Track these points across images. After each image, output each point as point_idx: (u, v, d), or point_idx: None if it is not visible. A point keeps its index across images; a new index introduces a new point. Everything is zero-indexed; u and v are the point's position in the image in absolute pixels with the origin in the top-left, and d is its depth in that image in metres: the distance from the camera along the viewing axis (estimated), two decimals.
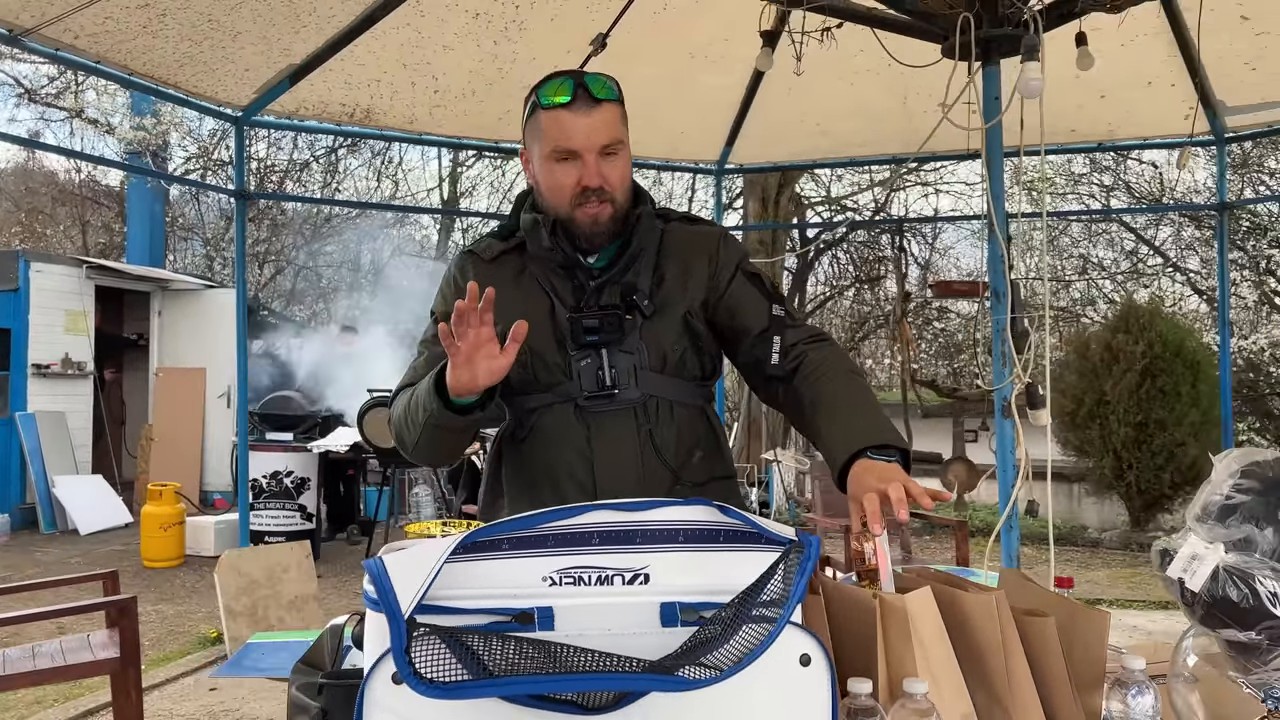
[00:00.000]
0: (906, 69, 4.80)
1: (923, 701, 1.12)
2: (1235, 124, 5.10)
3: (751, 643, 0.95)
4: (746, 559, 1.06)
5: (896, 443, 1.42)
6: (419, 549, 1.00)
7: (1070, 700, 1.21)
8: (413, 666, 0.89)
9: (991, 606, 1.18)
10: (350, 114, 4.76)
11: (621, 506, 1.05)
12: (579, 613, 1.01)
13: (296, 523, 7.29)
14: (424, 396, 1.44)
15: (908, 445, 1.45)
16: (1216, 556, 1.26)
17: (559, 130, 1.52)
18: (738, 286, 1.64)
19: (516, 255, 1.64)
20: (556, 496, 1.55)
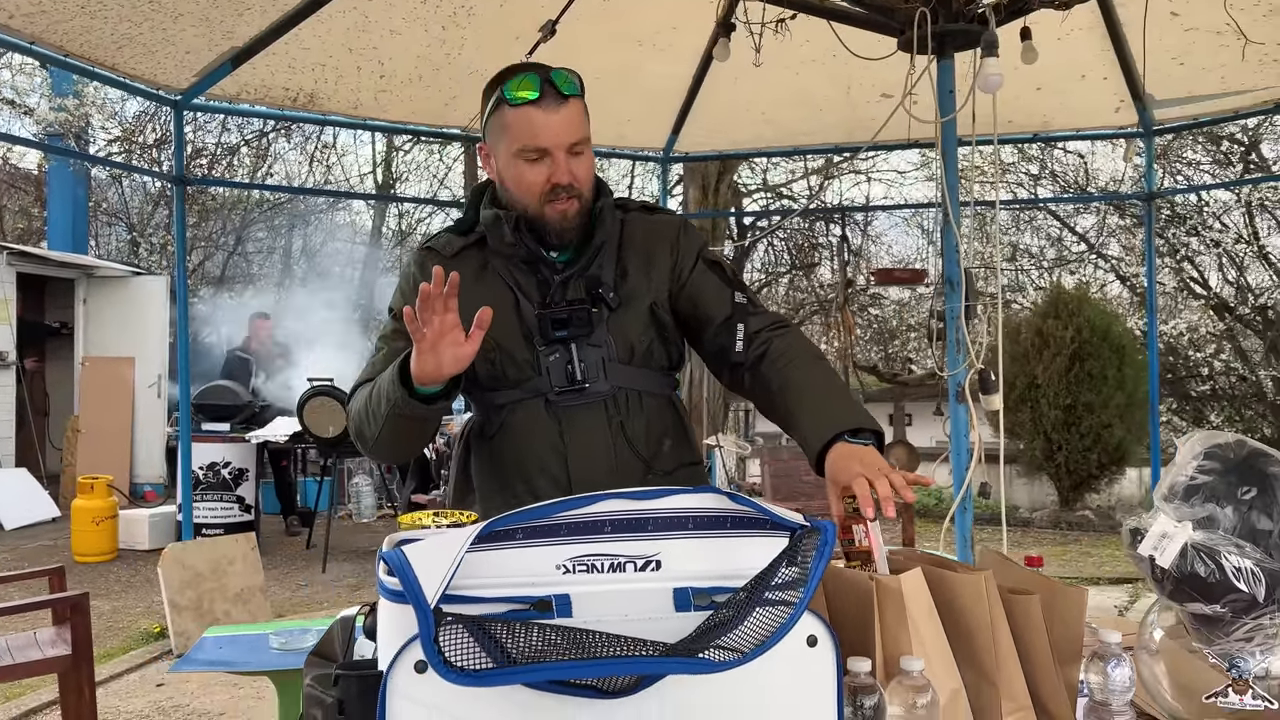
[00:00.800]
0: (851, 60, 4.88)
1: (919, 678, 1.17)
2: (1162, 116, 5.28)
3: (769, 625, 0.98)
4: (754, 544, 1.10)
5: (871, 426, 1.47)
6: (436, 540, 1.01)
7: (1053, 674, 1.27)
8: (442, 655, 0.90)
9: (980, 586, 1.23)
10: (293, 98, 4.67)
11: (632, 495, 1.08)
12: (595, 599, 1.03)
13: (235, 515, 7.15)
14: (387, 387, 1.43)
15: (880, 428, 1.50)
16: (1185, 534, 1.33)
17: (528, 129, 1.52)
18: (699, 275, 1.66)
19: (477, 250, 1.63)
20: (529, 491, 1.57)
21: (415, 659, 0.97)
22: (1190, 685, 1.42)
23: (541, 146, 1.51)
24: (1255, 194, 10.50)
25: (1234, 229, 10.92)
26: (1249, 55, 4.48)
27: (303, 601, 5.77)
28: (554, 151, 1.51)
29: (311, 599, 5.85)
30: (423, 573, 0.96)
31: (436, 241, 1.67)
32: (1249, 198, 10.52)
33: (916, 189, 13.86)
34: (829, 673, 1.06)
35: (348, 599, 5.83)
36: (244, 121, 12.66)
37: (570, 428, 1.57)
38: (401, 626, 0.99)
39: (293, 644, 2.91)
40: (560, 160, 1.52)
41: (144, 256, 12.80)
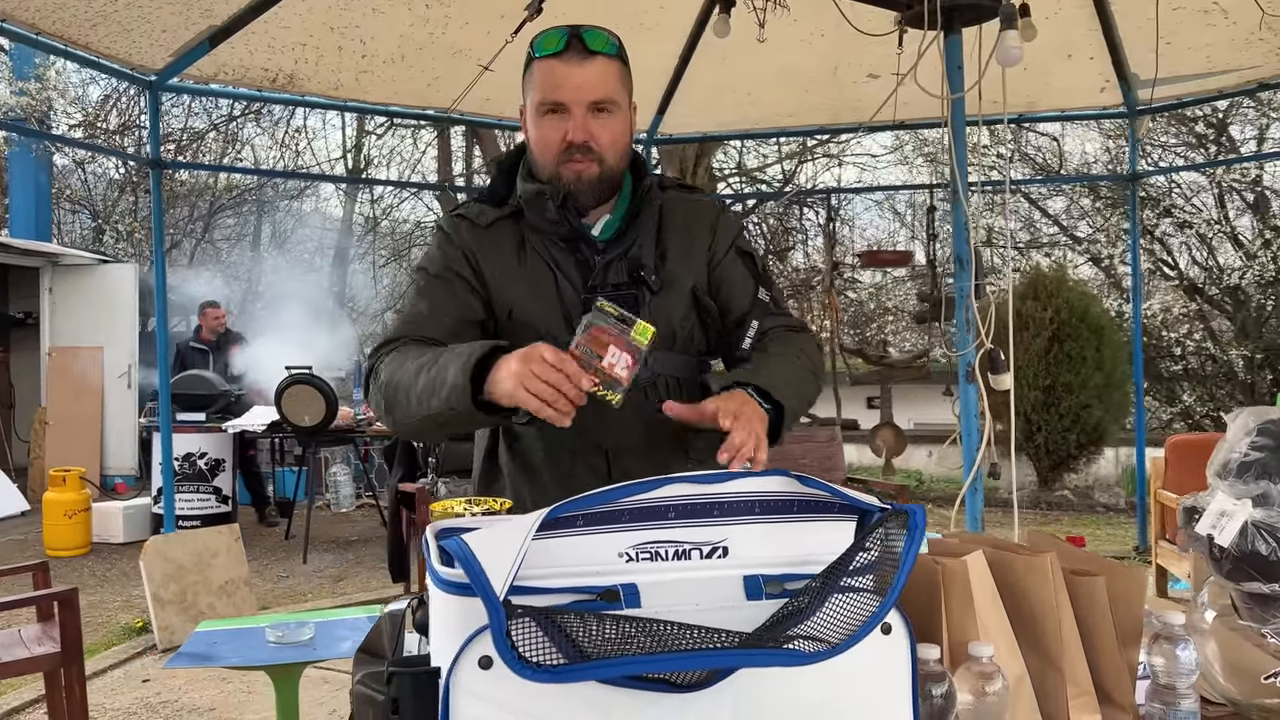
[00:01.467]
0: (839, 40, 4.84)
1: (989, 664, 1.13)
2: (1146, 97, 5.29)
3: (851, 614, 0.93)
4: (824, 529, 1.05)
5: (781, 398, 1.40)
6: (496, 528, 0.95)
7: (1116, 658, 1.24)
8: (516, 650, 0.85)
9: (1046, 568, 1.19)
10: (273, 79, 4.57)
11: (697, 479, 1.02)
12: (663, 589, 0.98)
13: (212, 506, 7.03)
14: (449, 382, 1.34)
15: (785, 403, 1.42)
16: (1245, 512, 1.30)
17: (548, 81, 1.46)
18: (729, 263, 1.62)
19: (512, 223, 1.56)
20: (565, 481, 1.51)
21: (480, 654, 0.91)
22: (1241, 666, 1.39)
23: (559, 100, 1.45)
24: (1228, 175, 10.60)
25: (1205, 211, 11.02)
26: (1234, 35, 4.50)
27: (285, 593, 5.68)
28: (572, 107, 1.45)
29: (294, 590, 5.76)
30: (488, 563, 0.91)
31: (469, 210, 1.58)
32: (1221, 180, 10.62)
33: (890, 172, 13.89)
34: (904, 662, 1.02)
35: (331, 590, 5.75)
36: (211, 106, 12.41)
37: (610, 416, 1.50)
38: (461, 620, 0.93)
39: (289, 637, 2.83)
40: (578, 117, 1.45)
41: (109, 244, 12.53)
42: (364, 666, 1.05)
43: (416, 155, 13.35)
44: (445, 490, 4.65)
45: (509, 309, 1.52)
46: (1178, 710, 1.20)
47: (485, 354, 1.32)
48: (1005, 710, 1.12)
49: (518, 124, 5.32)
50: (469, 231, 1.55)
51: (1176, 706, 1.20)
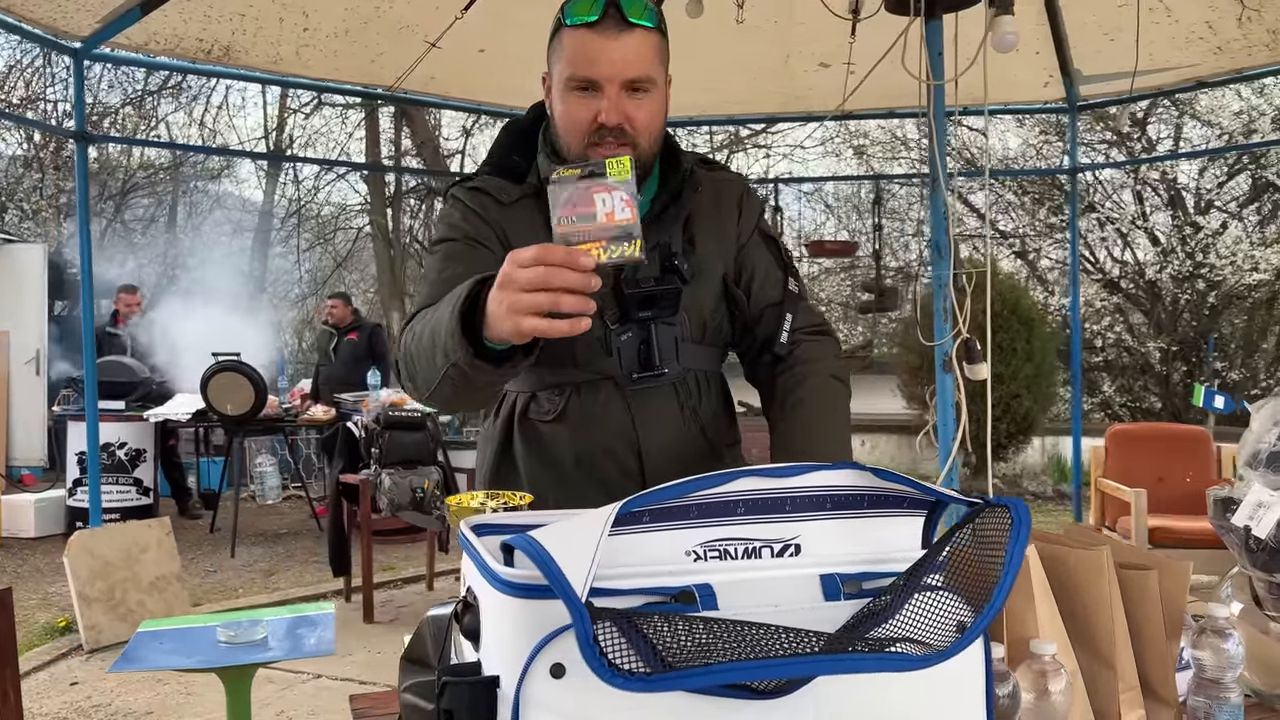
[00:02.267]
0: (791, 27, 4.81)
1: (1051, 663, 1.09)
2: (1088, 92, 5.39)
3: (946, 615, 0.88)
4: (896, 524, 1.00)
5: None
6: (564, 525, 0.87)
7: (1164, 652, 1.21)
8: (606, 658, 0.77)
9: (1102, 563, 1.16)
10: (207, 50, 4.35)
11: (768, 473, 0.96)
12: (738, 589, 0.91)
13: (132, 498, 6.74)
14: (444, 338, 1.16)
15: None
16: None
17: (581, 54, 1.32)
18: (754, 247, 1.52)
19: (534, 202, 1.42)
20: (595, 482, 1.42)
21: (551, 662, 0.84)
22: (1266, 658, 1.39)
23: (591, 77, 1.32)
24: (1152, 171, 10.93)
25: (1126, 207, 11.36)
26: (1175, 33, 4.59)
27: (215, 588, 5.47)
28: (605, 85, 1.32)
29: (224, 585, 5.55)
30: (565, 563, 0.83)
31: (487, 183, 1.45)
32: (1144, 176, 10.95)
33: (819, 164, 13.99)
34: (979, 663, 0.97)
35: (263, 585, 5.55)
36: (126, 79, 11.89)
37: (642, 414, 1.41)
38: (527, 625, 0.85)
39: (242, 637, 2.70)
40: (612, 96, 1.32)
41: (13, 224, 11.94)
42: (409, 675, 0.96)
43: (344, 136, 13.00)
44: (390, 482, 4.51)
45: None
46: (1226, 705, 1.18)
47: (474, 290, 1.13)
48: (1069, 709, 1.09)
49: (464, 104, 5.14)
50: (495, 208, 1.43)
51: (1225, 701, 1.18)
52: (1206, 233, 10.56)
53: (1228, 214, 10.96)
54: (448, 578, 5.44)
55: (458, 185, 1.47)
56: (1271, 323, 11.05)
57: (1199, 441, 4.60)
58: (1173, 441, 4.67)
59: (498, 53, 4.79)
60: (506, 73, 5.03)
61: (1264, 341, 11.05)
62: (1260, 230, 10.66)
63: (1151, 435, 4.82)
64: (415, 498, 4.56)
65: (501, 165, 1.47)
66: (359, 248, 14.08)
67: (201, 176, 13.86)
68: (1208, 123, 10.67)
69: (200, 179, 13.92)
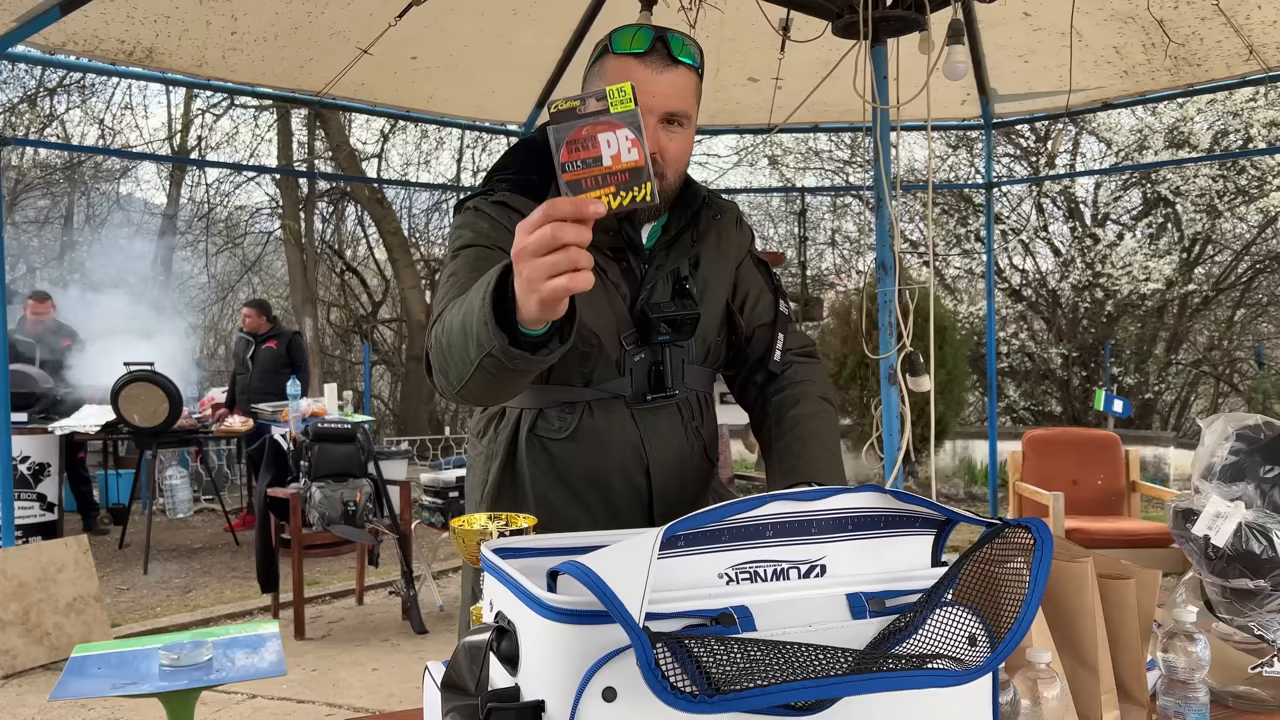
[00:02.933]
0: (721, 42, 4.89)
1: (1046, 670, 1.15)
2: (1002, 110, 5.61)
3: (959, 630, 0.93)
4: (909, 543, 1.05)
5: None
6: (610, 551, 0.89)
7: (1139, 656, 1.29)
8: (669, 681, 0.80)
9: (1086, 574, 1.23)
10: (129, 53, 4.21)
11: (796, 497, 1.00)
12: (773, 609, 0.95)
13: (35, 515, 6.45)
14: (478, 326, 1.10)
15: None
16: (1239, 514, 1.38)
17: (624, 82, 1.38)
18: (747, 270, 1.58)
19: None
20: (604, 500, 1.45)
21: (603, 686, 0.86)
22: (1216, 658, 1.48)
23: None
24: (1053, 185, 11.38)
25: (1028, 218, 11.81)
26: (1084, 57, 4.81)
27: (130, 607, 5.28)
28: (645, 116, 1.32)
29: (140, 604, 5.36)
30: (619, 589, 0.85)
31: (512, 199, 1.45)
32: (1046, 189, 11.40)
33: (735, 175, 14.21)
34: (987, 674, 1.03)
35: (181, 603, 5.38)
36: (25, 77, 11.38)
37: (650, 433, 1.45)
38: (576, 650, 0.87)
39: (187, 660, 2.63)
40: (650, 126, 1.35)
41: None
42: (452, 701, 0.97)
43: (254, 138, 12.66)
44: (320, 495, 4.43)
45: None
46: (1194, 704, 1.26)
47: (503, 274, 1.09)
48: (1064, 714, 1.15)
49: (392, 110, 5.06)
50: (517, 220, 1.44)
51: (1194, 700, 1.26)
52: (1104, 244, 11.05)
53: (1122, 226, 11.49)
54: (379, 591, 5.36)
55: (479, 198, 1.48)
56: (1162, 330, 11.62)
57: (1110, 446, 4.83)
58: (1085, 446, 4.89)
59: (430, 60, 4.76)
60: (439, 81, 5.00)
61: (1155, 348, 11.61)
62: (1153, 242, 11.20)
63: (1066, 440, 5.04)
64: (347, 511, 4.48)
65: (519, 182, 1.48)
66: (269, 252, 13.74)
67: (101, 178, 13.33)
68: (1106, 140, 11.17)
69: (100, 180, 13.39)
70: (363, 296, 14.27)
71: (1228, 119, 10.38)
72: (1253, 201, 10.61)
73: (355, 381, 13.49)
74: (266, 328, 7.32)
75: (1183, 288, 11.15)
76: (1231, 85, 5.05)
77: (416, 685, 3.92)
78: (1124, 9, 4.45)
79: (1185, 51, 4.65)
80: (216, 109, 12.25)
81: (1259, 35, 4.45)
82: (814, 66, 4.48)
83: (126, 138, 12.46)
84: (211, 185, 13.13)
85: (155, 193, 14.67)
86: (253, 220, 13.43)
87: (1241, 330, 11.80)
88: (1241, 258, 11.43)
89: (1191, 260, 11.27)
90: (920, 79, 4.26)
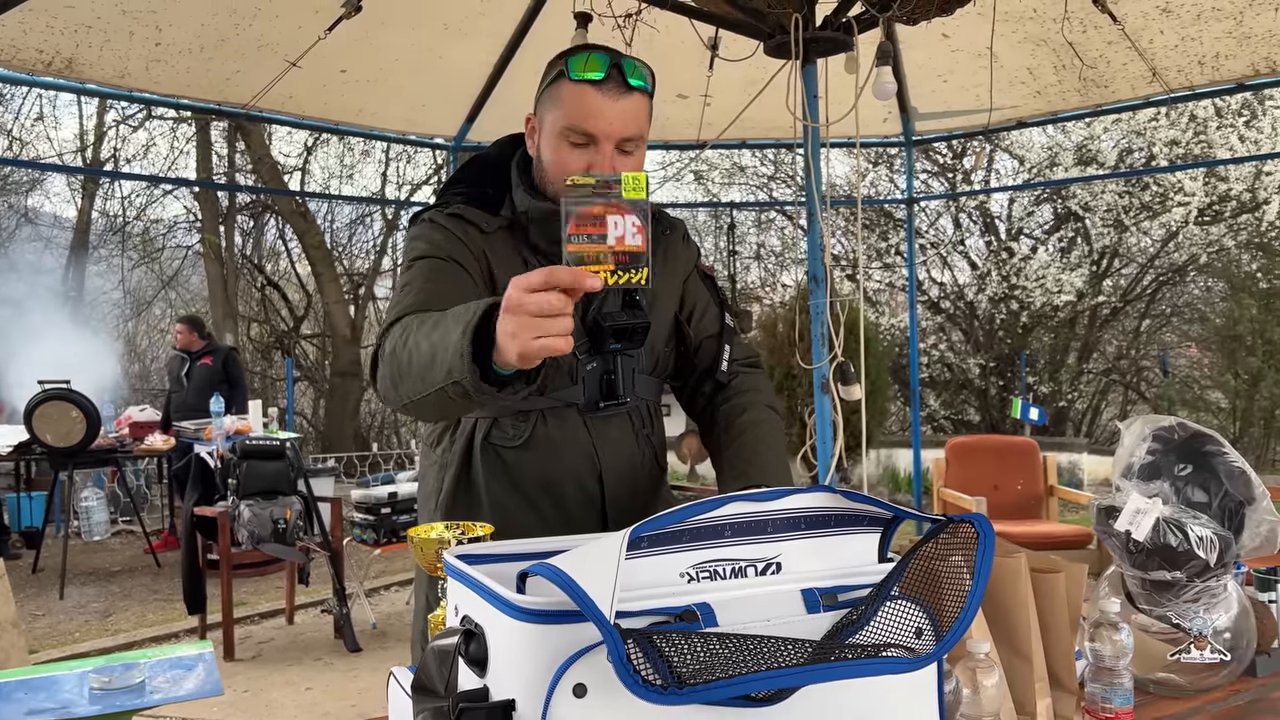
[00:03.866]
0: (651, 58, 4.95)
1: (985, 660, 1.21)
2: (922, 128, 5.79)
3: (913, 623, 0.98)
4: (856, 541, 1.10)
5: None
6: (581, 551, 0.93)
7: (1068, 646, 1.37)
8: (640, 675, 0.83)
9: (1020, 569, 1.30)
10: (48, 63, 4.12)
11: (753, 497, 1.04)
12: (733, 606, 0.99)
13: None
14: (452, 357, 1.14)
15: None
16: (1157, 510, 1.47)
17: (581, 109, 1.40)
18: (694, 284, 1.64)
19: (509, 235, 1.49)
20: (558, 507, 1.48)
21: (574, 683, 0.89)
22: (1136, 648, 1.57)
23: (590, 132, 1.39)
24: (970, 200, 11.72)
25: (945, 232, 12.15)
26: (1000, 77, 5.00)
27: (47, 633, 5.11)
28: (602, 142, 1.40)
29: (58, 630, 5.19)
30: (590, 589, 0.88)
31: (467, 212, 1.48)
32: (963, 204, 11.75)
33: (663, 191, 14.32)
34: (933, 664, 1.08)
35: (100, 627, 5.22)
36: None
37: (602, 441, 1.49)
38: (545, 649, 0.91)
39: (118, 682, 2.56)
40: (606, 152, 1.40)
41: None
42: (421, 704, 0.99)
43: (172, 150, 12.35)
44: (249, 513, 4.35)
45: None
46: (1120, 689, 1.34)
47: (489, 310, 1.13)
48: (1002, 702, 1.21)
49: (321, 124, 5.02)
50: (478, 235, 1.46)
51: (1119, 686, 1.34)
52: (1018, 258, 11.43)
53: (1036, 240, 11.90)
54: (310, 610, 5.27)
55: (434, 210, 1.50)
56: (1073, 340, 12.05)
57: (1029, 452, 5.00)
58: (1006, 452, 5.06)
59: (360, 74, 4.74)
60: (368, 94, 4.97)
61: (1067, 358, 12.03)
62: (1064, 256, 11.62)
63: (987, 446, 5.21)
64: (277, 529, 4.41)
65: (474, 195, 1.51)
66: (186, 266, 13.42)
67: (9, 190, 12.88)
68: (1019, 158, 11.57)
69: (8, 193, 12.93)
70: (284, 311, 14.02)
71: (1132, 138, 10.84)
72: (1156, 217, 11.09)
73: (277, 398, 13.22)
74: (200, 344, 7.18)
75: (1093, 299, 11.58)
76: (1136, 106, 5.29)
77: (352, 704, 3.89)
78: (1037, 32, 4.64)
79: (1094, 73, 4.87)
80: (132, 120, 11.94)
81: (1161, 59, 4.68)
82: (742, 85, 4.58)
83: (37, 149, 12.06)
84: (127, 198, 12.78)
85: (66, 206, 14.23)
86: (170, 234, 13.10)
87: (1147, 340, 12.30)
88: (1146, 270, 11.92)
89: (1100, 273, 11.71)
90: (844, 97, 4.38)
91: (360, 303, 13.18)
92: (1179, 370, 12.12)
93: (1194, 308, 12.46)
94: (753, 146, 6.09)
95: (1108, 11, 4.25)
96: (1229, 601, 1.50)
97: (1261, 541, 1.47)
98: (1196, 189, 10.53)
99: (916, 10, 2.64)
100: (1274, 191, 10.28)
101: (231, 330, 11.76)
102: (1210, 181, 10.60)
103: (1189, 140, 10.49)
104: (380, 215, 13.41)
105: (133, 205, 12.90)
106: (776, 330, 8.71)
